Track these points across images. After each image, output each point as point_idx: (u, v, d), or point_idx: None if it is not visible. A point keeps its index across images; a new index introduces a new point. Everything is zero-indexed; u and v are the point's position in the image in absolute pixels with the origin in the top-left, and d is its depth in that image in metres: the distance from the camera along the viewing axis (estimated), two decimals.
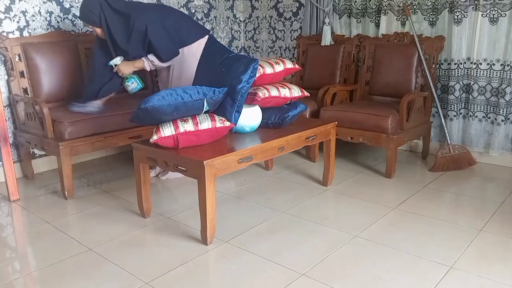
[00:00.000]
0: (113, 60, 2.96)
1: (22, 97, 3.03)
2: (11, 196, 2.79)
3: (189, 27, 2.98)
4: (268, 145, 2.36)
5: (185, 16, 3.10)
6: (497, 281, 1.82)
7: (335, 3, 3.95)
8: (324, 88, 3.54)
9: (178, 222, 2.44)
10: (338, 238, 2.22)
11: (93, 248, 2.16)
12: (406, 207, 2.59)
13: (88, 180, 3.21)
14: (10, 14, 3.10)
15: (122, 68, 2.96)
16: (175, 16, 2.98)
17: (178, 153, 2.15)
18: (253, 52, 4.78)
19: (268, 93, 2.51)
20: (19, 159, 3.22)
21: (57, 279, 1.90)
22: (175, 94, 2.10)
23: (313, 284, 1.83)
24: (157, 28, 2.83)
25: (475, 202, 2.68)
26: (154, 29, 2.82)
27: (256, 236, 2.26)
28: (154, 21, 2.84)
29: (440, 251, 2.07)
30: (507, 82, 3.17)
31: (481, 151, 3.41)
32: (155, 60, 2.93)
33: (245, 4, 4.72)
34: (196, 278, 1.89)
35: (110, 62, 2.97)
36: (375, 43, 3.67)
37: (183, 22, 2.97)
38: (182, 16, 3.06)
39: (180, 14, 3.08)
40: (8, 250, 2.21)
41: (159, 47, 2.85)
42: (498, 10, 3.16)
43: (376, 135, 3.06)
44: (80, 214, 2.59)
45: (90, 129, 2.83)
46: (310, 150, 3.53)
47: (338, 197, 2.79)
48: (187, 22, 3.01)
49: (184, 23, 2.97)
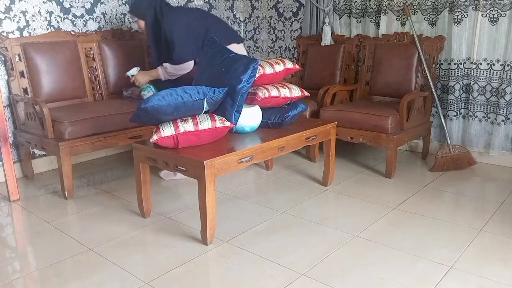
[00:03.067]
0: (130, 71, 3.04)
1: (22, 97, 3.03)
2: (11, 196, 2.79)
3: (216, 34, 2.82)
4: (268, 145, 2.36)
5: (217, 23, 3.06)
6: (497, 281, 1.82)
7: (335, 3, 3.95)
8: (324, 88, 3.54)
9: (178, 222, 2.44)
10: (338, 238, 2.22)
11: (93, 248, 2.16)
12: (406, 207, 2.59)
13: (88, 180, 3.21)
14: (10, 14, 3.10)
15: (139, 78, 3.04)
16: (207, 21, 2.94)
17: (178, 153, 2.15)
18: (253, 52, 4.78)
19: (268, 93, 2.51)
20: (19, 159, 3.22)
21: (57, 279, 1.90)
22: (175, 94, 2.10)
23: (313, 284, 1.83)
24: (178, 29, 2.83)
25: (475, 202, 2.68)
26: (176, 29, 2.83)
27: (256, 236, 2.26)
28: (179, 22, 2.85)
29: (440, 251, 2.07)
30: (507, 82, 3.17)
31: (481, 151, 3.41)
32: (168, 67, 2.92)
33: (245, 4, 4.72)
34: (196, 278, 1.89)
35: (127, 73, 3.04)
36: (375, 43, 3.67)
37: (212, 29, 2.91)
38: (215, 23, 3.01)
39: (214, 20, 3.05)
40: (8, 250, 2.21)
41: (176, 47, 2.85)
42: (498, 10, 3.16)
43: (376, 135, 3.06)
44: (80, 214, 2.59)
45: (90, 129, 2.83)
46: (310, 150, 3.53)
47: (338, 197, 2.79)
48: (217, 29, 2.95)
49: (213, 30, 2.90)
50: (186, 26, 2.87)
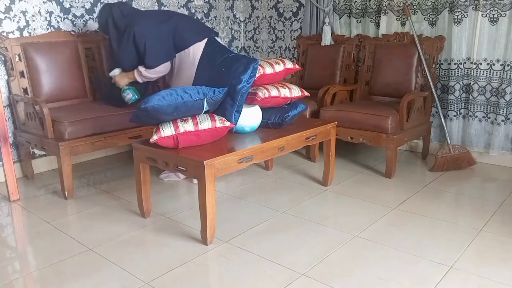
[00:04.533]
0: (112, 71, 3.04)
1: (22, 97, 3.03)
2: (11, 196, 2.79)
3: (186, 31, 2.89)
4: (268, 145, 2.36)
5: (185, 20, 3.02)
6: (497, 281, 1.82)
7: (335, 3, 3.95)
8: (324, 88, 3.54)
9: (178, 222, 2.44)
10: (338, 238, 2.22)
11: (93, 248, 2.16)
12: (406, 207, 2.59)
13: (88, 180, 3.21)
14: (10, 14, 3.10)
15: (117, 79, 3.03)
16: (172, 21, 2.91)
17: (178, 153, 2.15)
18: (253, 52, 4.78)
19: (268, 93, 2.51)
20: (19, 159, 3.22)
21: (57, 279, 1.90)
22: (175, 94, 2.10)
23: (313, 284, 1.83)
24: (146, 33, 2.80)
25: (475, 202, 2.68)
26: (143, 33, 2.80)
27: (256, 236, 2.26)
28: (145, 26, 2.83)
29: (440, 251, 2.07)
30: (507, 82, 3.17)
31: (481, 151, 3.41)
32: (143, 71, 2.90)
33: (245, 4, 4.72)
34: (196, 278, 1.89)
35: (109, 73, 3.04)
36: (375, 43, 3.67)
37: (180, 27, 2.89)
38: (182, 20, 2.98)
39: (180, 18, 3.01)
40: (8, 250, 2.21)
41: (146, 52, 2.82)
42: (498, 10, 3.16)
43: (376, 135, 3.06)
44: (80, 214, 2.59)
45: (90, 129, 2.83)
46: (310, 150, 3.53)
47: (338, 197, 2.79)
48: (186, 26, 2.93)
49: (181, 28, 2.89)
50: (154, 29, 2.84)
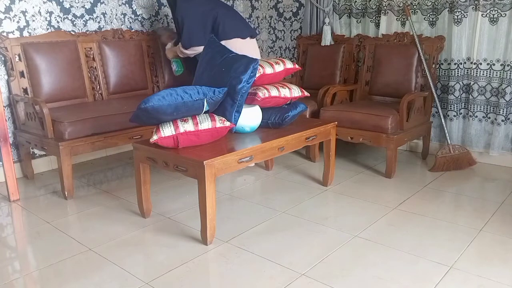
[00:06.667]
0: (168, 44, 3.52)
1: (22, 97, 3.03)
2: (11, 196, 2.79)
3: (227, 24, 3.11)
4: (268, 145, 2.36)
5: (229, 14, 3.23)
6: (497, 281, 1.82)
7: (335, 3, 3.95)
8: (324, 88, 3.54)
9: (178, 222, 2.44)
10: (338, 238, 2.22)
11: (93, 248, 2.16)
12: (406, 207, 2.59)
13: (88, 180, 3.21)
14: (10, 14, 3.10)
15: (167, 52, 3.50)
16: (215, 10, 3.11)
17: (178, 153, 2.15)
18: None
19: (268, 93, 2.51)
20: (19, 159, 3.22)
21: (57, 279, 1.90)
22: (175, 94, 2.10)
23: (313, 284, 1.83)
24: (185, 16, 3.07)
25: (475, 202, 2.68)
26: (182, 15, 3.08)
27: (256, 236, 2.26)
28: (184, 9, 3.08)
29: (440, 251, 2.07)
30: (507, 82, 3.17)
31: (481, 151, 3.41)
32: (181, 47, 3.17)
33: (245, 4, 4.72)
34: (196, 278, 1.89)
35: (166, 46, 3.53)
36: (375, 43, 3.67)
37: (222, 17, 3.10)
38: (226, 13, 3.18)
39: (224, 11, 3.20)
40: (8, 250, 2.21)
41: (183, 33, 3.10)
42: (498, 10, 3.16)
43: (376, 135, 3.06)
44: (80, 214, 2.59)
45: (90, 129, 2.83)
46: (310, 150, 3.53)
47: (338, 197, 2.79)
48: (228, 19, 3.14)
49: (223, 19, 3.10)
50: (195, 14, 3.09)
